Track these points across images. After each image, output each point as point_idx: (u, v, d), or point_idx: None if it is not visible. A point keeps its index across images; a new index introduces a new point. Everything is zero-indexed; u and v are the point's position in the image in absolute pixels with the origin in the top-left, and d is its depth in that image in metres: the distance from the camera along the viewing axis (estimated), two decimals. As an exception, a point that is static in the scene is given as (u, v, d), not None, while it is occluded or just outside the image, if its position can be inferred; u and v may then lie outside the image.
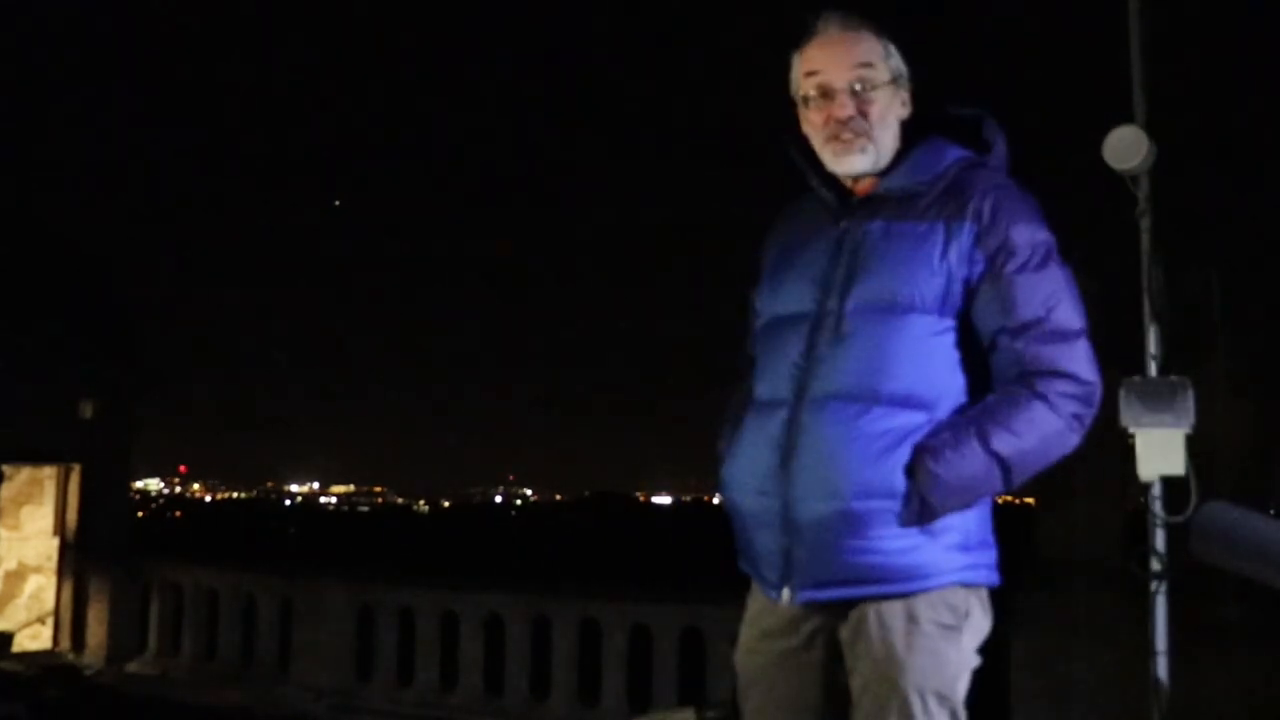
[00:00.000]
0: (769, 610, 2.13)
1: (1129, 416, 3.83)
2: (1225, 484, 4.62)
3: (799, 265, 2.13)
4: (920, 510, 1.93)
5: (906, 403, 1.97)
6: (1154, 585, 3.90)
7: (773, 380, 2.08)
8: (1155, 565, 3.91)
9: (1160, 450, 3.80)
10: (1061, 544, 5.58)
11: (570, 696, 7.64)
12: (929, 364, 2.00)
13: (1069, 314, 2.00)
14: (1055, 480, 5.62)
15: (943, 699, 1.99)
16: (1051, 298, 1.98)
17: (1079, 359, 1.99)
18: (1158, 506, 3.88)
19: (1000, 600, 2.16)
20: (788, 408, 2.02)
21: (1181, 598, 3.92)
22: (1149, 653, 3.88)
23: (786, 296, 2.13)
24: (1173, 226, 4.14)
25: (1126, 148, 3.91)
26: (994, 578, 2.07)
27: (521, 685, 7.78)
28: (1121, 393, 3.84)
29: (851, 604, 2.01)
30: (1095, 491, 5.48)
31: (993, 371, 2.02)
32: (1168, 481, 3.85)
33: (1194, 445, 3.79)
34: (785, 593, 2.03)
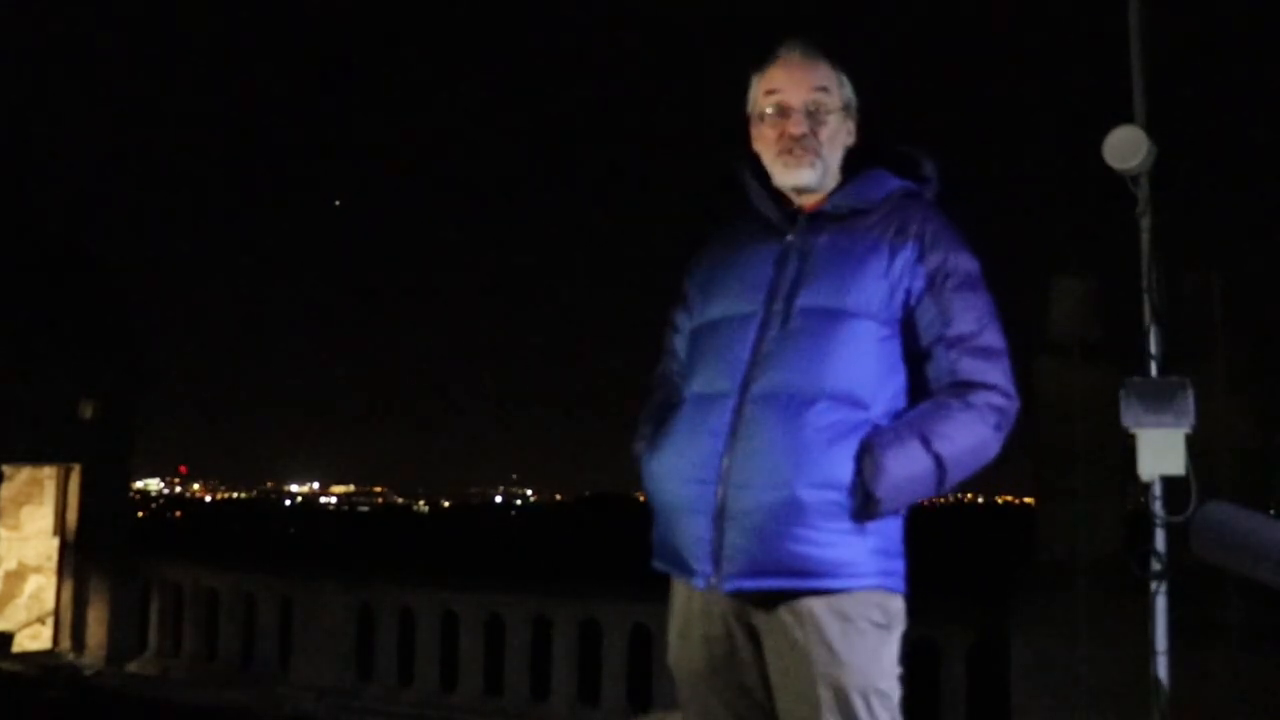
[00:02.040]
0: (691, 602, 2.17)
1: (1129, 416, 3.83)
2: (1225, 484, 4.62)
3: (739, 274, 2.22)
4: (864, 503, 2.00)
5: (848, 400, 2.05)
6: (1154, 585, 3.90)
7: (711, 375, 2.15)
8: (1155, 565, 3.91)
9: (1160, 450, 3.81)
10: (1061, 544, 5.58)
11: (570, 696, 7.63)
12: (869, 366, 2.09)
13: (997, 335, 2.14)
14: (1055, 480, 5.64)
15: (884, 697, 2.05)
16: (984, 317, 2.13)
17: (1005, 375, 2.13)
18: (1158, 506, 3.88)
19: (1000, 600, 2.20)
20: (733, 398, 2.08)
21: (1181, 598, 3.93)
22: (1149, 653, 3.88)
23: (728, 301, 2.21)
24: (1173, 226, 4.15)
25: (1126, 148, 3.91)
26: (904, 586, 2.15)
27: (521, 685, 7.77)
28: (1122, 393, 3.85)
29: (778, 599, 2.04)
30: (1095, 491, 5.48)
31: (927, 377, 2.13)
32: (1168, 481, 3.85)
33: (1194, 445, 3.79)
34: (712, 580, 2.05)
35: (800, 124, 2.19)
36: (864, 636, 2.03)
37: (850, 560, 2.02)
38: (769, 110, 2.22)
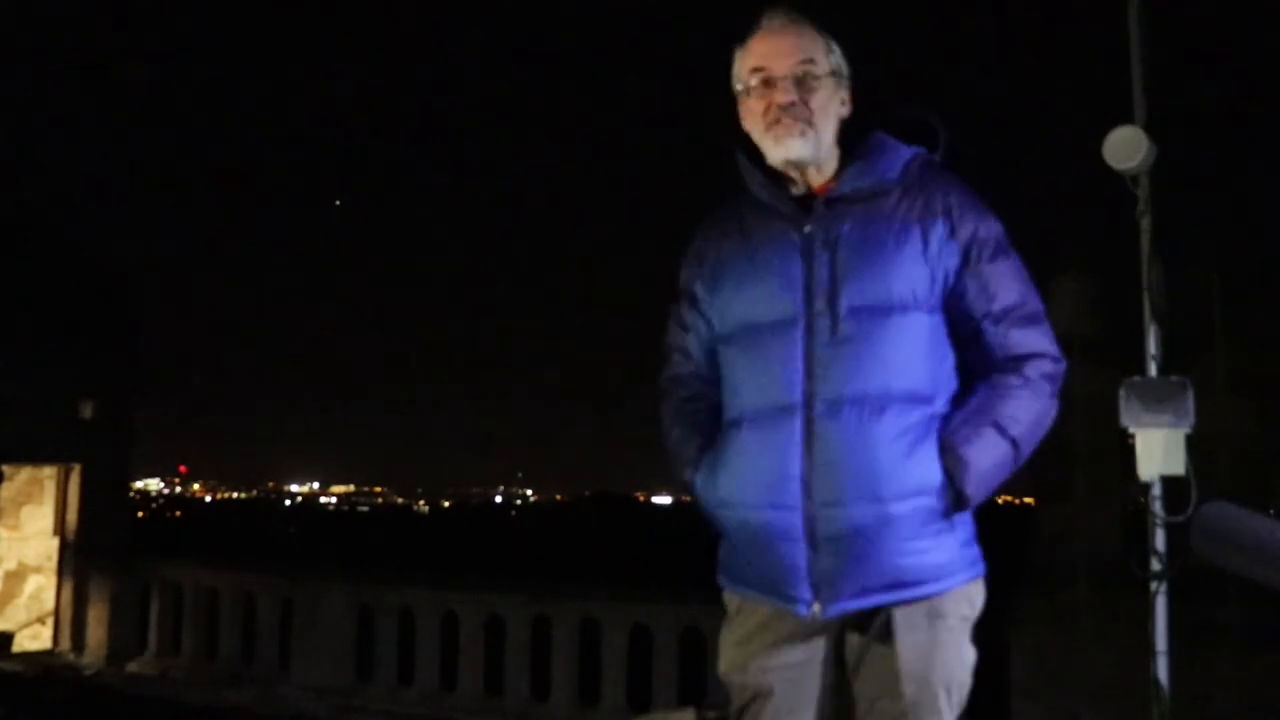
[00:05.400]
0: (778, 625, 2.08)
1: (1129, 416, 3.83)
2: (1225, 484, 4.62)
3: (761, 270, 2.09)
4: (956, 501, 1.98)
5: (914, 399, 1.99)
6: (1154, 585, 3.90)
7: (765, 389, 2.04)
8: (1155, 565, 3.91)
9: (1160, 450, 3.80)
10: (1061, 544, 5.58)
11: (570, 696, 7.64)
12: (926, 358, 2.03)
13: (1036, 297, 2.11)
14: (1055, 480, 5.64)
15: (962, 687, 2.06)
16: (1022, 284, 2.09)
17: (1049, 337, 2.10)
18: (1158, 506, 3.88)
19: (1000, 600, 2.18)
20: (799, 413, 1.99)
21: (1181, 598, 3.92)
22: (1149, 653, 3.88)
23: (757, 303, 2.09)
24: (1173, 226, 4.14)
25: (1126, 148, 3.91)
26: (985, 568, 2.13)
27: (521, 685, 7.77)
28: (1121, 393, 3.85)
29: (874, 609, 2.01)
30: (1095, 491, 5.48)
31: (974, 351, 2.07)
32: (1168, 481, 3.85)
33: (1194, 445, 3.79)
34: (816, 607, 1.98)
35: (788, 92, 2.06)
36: (952, 633, 2.03)
37: (947, 561, 2.00)
38: (754, 83, 2.10)
